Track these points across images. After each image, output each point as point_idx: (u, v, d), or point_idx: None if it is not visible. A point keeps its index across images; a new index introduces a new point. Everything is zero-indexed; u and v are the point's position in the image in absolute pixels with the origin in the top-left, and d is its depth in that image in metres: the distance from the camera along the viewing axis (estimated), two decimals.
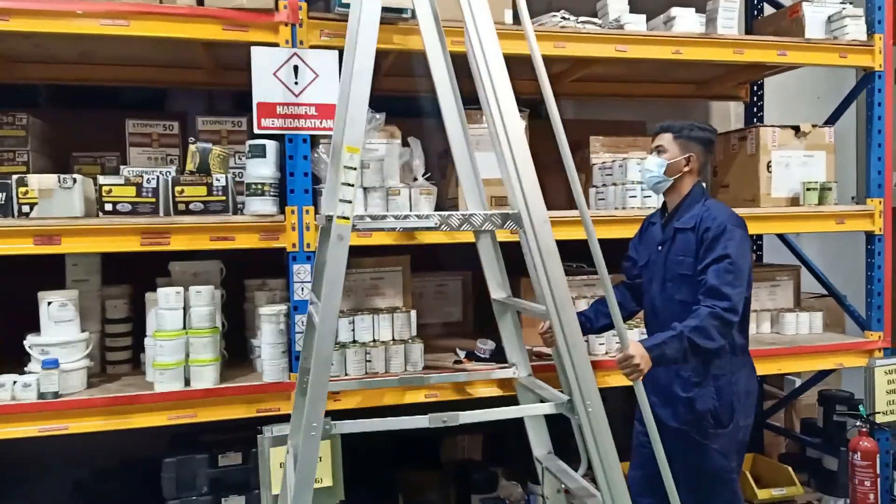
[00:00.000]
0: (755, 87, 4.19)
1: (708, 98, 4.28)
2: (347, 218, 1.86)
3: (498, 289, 2.49)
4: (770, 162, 3.38)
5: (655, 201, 3.03)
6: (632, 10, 3.13)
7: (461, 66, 2.45)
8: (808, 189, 3.33)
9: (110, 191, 2.51)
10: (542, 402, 2.21)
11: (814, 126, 3.43)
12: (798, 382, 3.98)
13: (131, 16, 2.52)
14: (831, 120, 3.68)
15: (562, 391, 2.22)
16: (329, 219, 1.91)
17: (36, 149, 2.96)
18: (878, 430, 3.24)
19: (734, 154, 3.58)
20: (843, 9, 3.28)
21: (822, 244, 4.36)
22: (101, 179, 2.55)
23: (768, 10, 4.01)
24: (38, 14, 2.43)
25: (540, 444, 2.40)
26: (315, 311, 2.17)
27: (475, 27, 2.16)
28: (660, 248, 2.59)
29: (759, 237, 4.23)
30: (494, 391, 2.84)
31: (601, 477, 1.91)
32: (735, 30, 3.21)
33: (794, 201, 3.40)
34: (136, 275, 2.96)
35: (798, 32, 3.30)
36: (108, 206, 2.51)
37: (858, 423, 3.19)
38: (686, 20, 3.09)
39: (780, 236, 3.89)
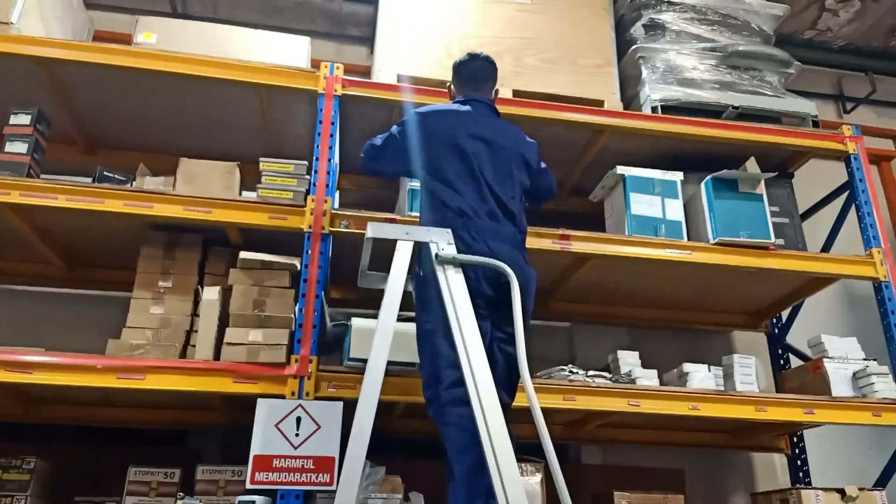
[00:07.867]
0: (795, 439, 3.94)
1: (744, 448, 4.01)
2: None
3: None
4: None
5: None
6: (644, 365, 3.13)
7: None
8: None
9: None
10: None
11: (861, 489, 3.12)
12: None
13: (148, 370, 2.65)
14: (882, 480, 3.34)
15: None
16: None
17: (36, 493, 2.90)
18: None
19: None
20: (867, 366, 3.19)
21: None
22: None
23: (795, 361, 3.95)
24: (58, 368, 2.59)
25: None
26: None
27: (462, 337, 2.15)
28: None
29: None
30: None
31: None
32: (755, 386, 3.14)
33: None
34: None
35: (823, 387, 3.18)
36: None
37: None
38: (699, 375, 3.05)
39: None
